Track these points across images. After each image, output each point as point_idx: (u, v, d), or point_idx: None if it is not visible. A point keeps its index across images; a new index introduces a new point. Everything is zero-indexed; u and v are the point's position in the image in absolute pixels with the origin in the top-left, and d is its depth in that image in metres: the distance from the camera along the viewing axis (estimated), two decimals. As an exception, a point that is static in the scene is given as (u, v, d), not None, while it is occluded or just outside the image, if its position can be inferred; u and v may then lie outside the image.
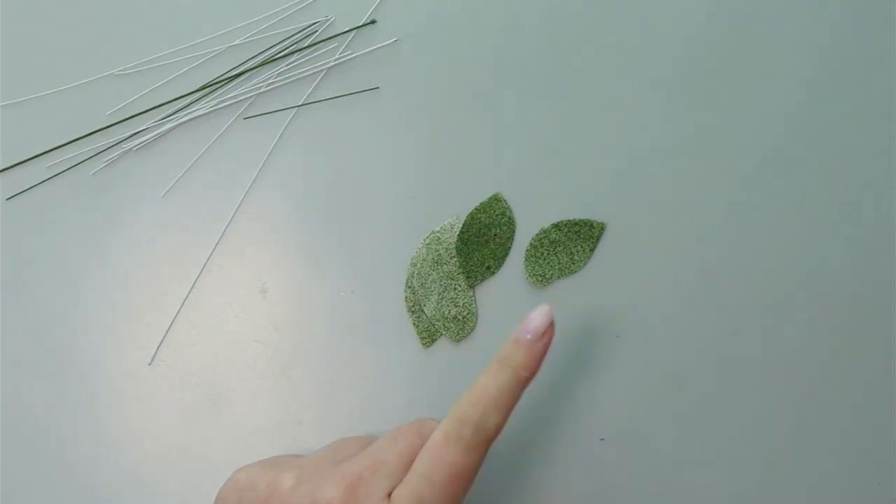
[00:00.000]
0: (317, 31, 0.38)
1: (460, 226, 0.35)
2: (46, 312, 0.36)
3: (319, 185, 0.36)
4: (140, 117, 0.37)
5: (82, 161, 0.37)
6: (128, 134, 0.37)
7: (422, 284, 0.35)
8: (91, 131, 0.37)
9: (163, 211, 0.37)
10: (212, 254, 0.36)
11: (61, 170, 0.37)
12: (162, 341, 0.36)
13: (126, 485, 0.35)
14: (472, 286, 0.35)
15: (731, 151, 0.35)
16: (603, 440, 0.33)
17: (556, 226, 0.35)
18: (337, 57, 0.37)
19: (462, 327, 0.34)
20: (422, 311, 0.35)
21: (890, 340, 0.33)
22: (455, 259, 0.35)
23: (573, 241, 0.34)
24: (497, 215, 0.35)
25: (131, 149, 0.37)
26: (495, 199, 0.35)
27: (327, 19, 0.38)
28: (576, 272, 0.34)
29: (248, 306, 0.36)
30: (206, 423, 0.35)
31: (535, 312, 0.28)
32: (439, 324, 0.35)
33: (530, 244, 0.35)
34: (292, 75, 0.37)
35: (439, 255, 0.35)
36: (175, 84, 0.38)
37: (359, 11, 0.37)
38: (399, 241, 0.35)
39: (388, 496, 0.27)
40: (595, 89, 0.36)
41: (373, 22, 0.37)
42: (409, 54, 0.37)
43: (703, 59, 0.35)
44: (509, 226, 0.35)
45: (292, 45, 0.37)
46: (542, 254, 0.34)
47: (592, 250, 0.34)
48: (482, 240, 0.35)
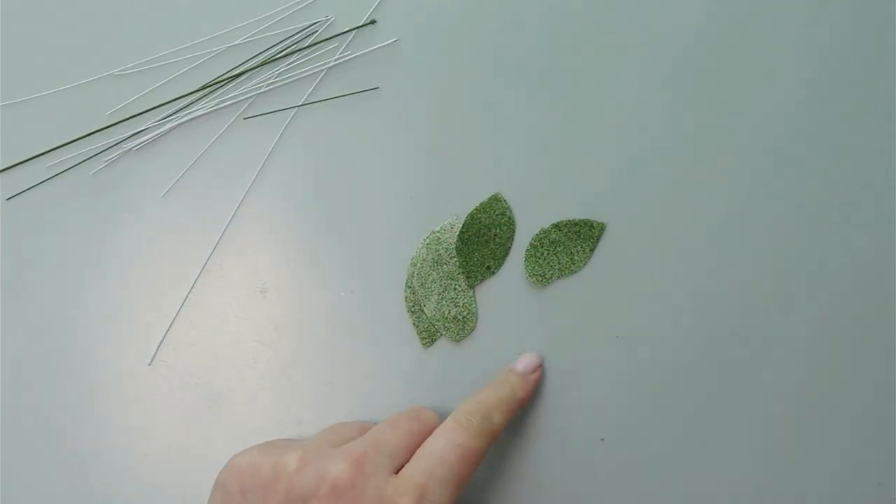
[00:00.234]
0: (317, 31, 0.38)
1: (460, 226, 0.35)
2: (46, 312, 0.36)
3: (319, 185, 0.36)
4: (140, 117, 0.37)
5: (82, 161, 0.37)
6: (128, 134, 0.37)
7: (422, 284, 0.35)
8: (91, 131, 0.37)
9: (163, 211, 0.37)
10: (212, 254, 0.36)
11: (61, 170, 0.37)
12: (162, 341, 0.36)
13: (126, 484, 0.35)
14: (472, 286, 0.35)
15: (732, 151, 0.35)
16: (603, 440, 0.33)
17: (556, 226, 0.35)
18: (337, 57, 0.37)
19: (462, 327, 0.34)
20: (422, 311, 0.35)
21: (890, 340, 0.33)
22: (455, 259, 0.35)
23: (573, 241, 0.34)
24: (497, 215, 0.35)
25: (131, 149, 0.37)
26: (495, 199, 0.35)
27: (327, 19, 0.38)
28: (576, 272, 0.34)
29: (248, 306, 0.36)
30: (206, 423, 0.35)
31: (525, 354, 0.33)
32: (439, 324, 0.35)
33: (530, 244, 0.35)
34: (292, 75, 0.37)
35: (439, 255, 0.35)
36: (175, 84, 0.38)
37: (359, 11, 0.37)
38: (399, 241, 0.35)
39: (393, 474, 0.28)
40: (595, 89, 0.36)
41: (373, 22, 0.37)
42: (409, 54, 0.37)
43: (703, 59, 0.35)
44: (509, 226, 0.35)
45: (292, 45, 0.37)
46: (542, 254, 0.34)
47: (592, 250, 0.34)
48: (482, 240, 0.35)
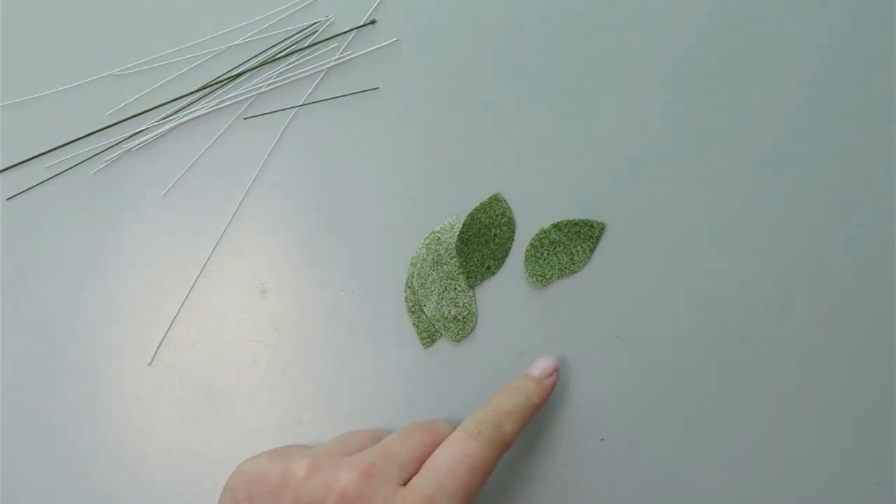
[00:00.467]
0: (317, 31, 0.38)
1: (460, 226, 0.35)
2: (46, 312, 0.36)
3: (319, 184, 0.36)
4: (140, 117, 0.37)
5: (82, 161, 0.37)
6: (128, 134, 0.37)
7: (422, 284, 0.35)
8: (91, 131, 0.37)
9: (163, 211, 0.37)
10: (212, 254, 0.36)
11: (61, 170, 0.37)
12: (162, 341, 0.36)
13: (126, 484, 0.35)
14: (472, 286, 0.35)
15: (731, 151, 0.35)
16: (603, 440, 0.33)
17: (556, 226, 0.35)
18: (337, 57, 0.37)
19: (462, 327, 0.34)
20: (422, 311, 0.35)
21: (890, 340, 0.33)
22: (455, 259, 0.35)
23: (573, 241, 0.34)
24: (497, 215, 0.35)
25: (131, 149, 0.37)
26: (495, 199, 0.35)
27: (327, 19, 0.38)
28: (576, 272, 0.34)
29: (248, 306, 0.36)
30: (206, 423, 0.35)
31: (541, 358, 0.33)
32: (439, 324, 0.35)
33: (530, 244, 0.35)
34: (292, 75, 0.37)
35: (439, 255, 0.35)
36: (175, 84, 0.38)
37: (359, 11, 0.37)
38: (399, 241, 0.35)
39: (401, 485, 0.27)
40: (595, 89, 0.36)
41: (373, 22, 0.37)
42: (409, 54, 0.37)
43: (703, 59, 0.35)
44: (509, 226, 0.35)
45: (292, 45, 0.37)
46: (542, 254, 0.34)
47: (592, 250, 0.34)
48: (482, 240, 0.35)
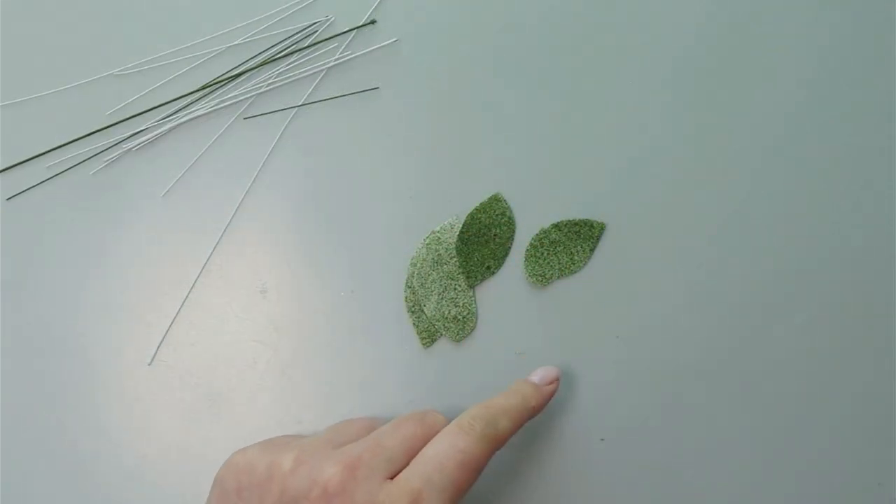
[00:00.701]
0: (317, 31, 0.38)
1: (460, 226, 0.35)
2: (46, 312, 0.36)
3: (319, 184, 0.36)
4: (140, 117, 0.37)
5: (82, 161, 0.37)
6: (128, 134, 0.37)
7: (422, 284, 0.35)
8: (91, 131, 0.37)
9: (163, 211, 0.37)
10: (212, 254, 0.36)
11: (61, 170, 0.37)
12: (162, 341, 0.36)
13: (126, 484, 0.35)
14: (472, 286, 0.35)
15: (731, 151, 0.35)
16: (603, 440, 0.33)
17: (556, 226, 0.35)
18: (337, 57, 0.37)
19: (462, 327, 0.34)
20: (422, 311, 0.35)
21: (890, 340, 0.33)
22: (455, 259, 0.35)
23: (573, 241, 0.34)
24: (497, 215, 0.35)
25: (131, 149, 0.37)
26: (495, 199, 0.35)
27: (327, 19, 0.38)
28: (576, 272, 0.34)
29: (248, 306, 0.36)
30: (206, 423, 0.35)
31: (543, 367, 0.32)
32: (439, 324, 0.35)
33: (530, 244, 0.35)
34: (292, 75, 0.37)
35: (439, 255, 0.35)
36: (175, 84, 0.38)
37: (359, 11, 0.37)
38: (399, 241, 0.35)
39: (388, 479, 0.27)
40: (595, 89, 0.36)
41: (373, 22, 0.37)
42: (409, 54, 0.37)
43: (703, 59, 0.35)
44: (509, 226, 0.35)
45: (292, 45, 0.37)
46: (542, 254, 0.34)
47: (592, 250, 0.34)
48: (482, 240, 0.35)
